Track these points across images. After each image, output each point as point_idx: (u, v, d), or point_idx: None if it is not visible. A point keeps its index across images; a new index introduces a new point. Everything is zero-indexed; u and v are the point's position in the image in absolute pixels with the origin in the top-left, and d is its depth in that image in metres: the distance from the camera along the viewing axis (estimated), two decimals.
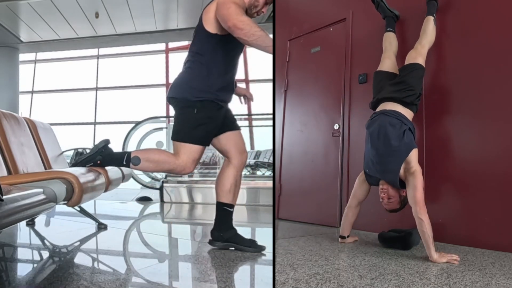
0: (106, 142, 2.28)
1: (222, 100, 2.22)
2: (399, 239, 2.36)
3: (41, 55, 11.48)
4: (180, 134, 2.20)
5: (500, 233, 2.33)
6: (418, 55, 2.51)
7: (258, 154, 9.49)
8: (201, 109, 2.16)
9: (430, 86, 2.71)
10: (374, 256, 2.18)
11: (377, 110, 2.46)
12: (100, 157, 2.24)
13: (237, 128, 2.35)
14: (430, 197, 2.53)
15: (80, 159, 2.28)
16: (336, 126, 3.38)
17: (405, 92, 2.39)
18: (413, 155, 2.23)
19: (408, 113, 2.38)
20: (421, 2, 2.76)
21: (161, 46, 12.12)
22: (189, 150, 2.19)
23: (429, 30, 2.60)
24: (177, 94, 2.21)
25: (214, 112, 2.20)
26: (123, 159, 2.22)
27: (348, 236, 2.55)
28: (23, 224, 3.10)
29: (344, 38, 3.43)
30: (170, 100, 2.25)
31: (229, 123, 2.31)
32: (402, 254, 2.21)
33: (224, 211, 2.28)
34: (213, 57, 2.18)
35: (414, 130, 2.36)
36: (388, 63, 2.68)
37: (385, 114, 2.36)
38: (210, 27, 2.16)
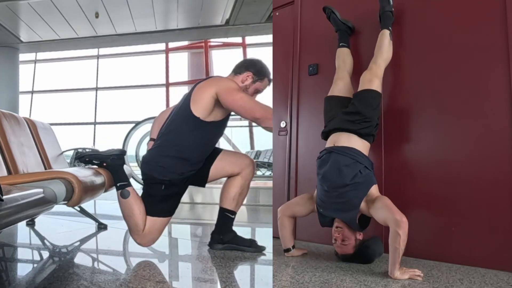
0: (122, 152, 2.28)
1: (190, 175, 2.22)
2: (358, 253, 2.08)
3: (41, 55, 11.51)
4: (146, 207, 2.18)
5: (469, 246, 2.09)
6: (374, 77, 2.25)
7: (258, 154, 9.49)
8: (169, 186, 2.17)
9: (387, 107, 2.45)
10: (326, 271, 1.96)
11: (328, 143, 2.22)
12: (109, 161, 2.24)
13: (219, 151, 2.33)
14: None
15: (89, 152, 2.28)
16: (282, 124, 3.03)
17: (360, 124, 2.15)
18: (374, 189, 2.05)
19: (364, 146, 2.16)
20: (377, 10, 2.46)
21: (161, 46, 12.14)
22: (153, 223, 2.17)
23: (384, 46, 2.32)
24: (147, 171, 2.21)
25: (182, 186, 2.22)
26: (121, 182, 2.21)
27: (293, 247, 2.29)
28: (23, 224, 3.10)
29: (291, 24, 3.07)
30: (141, 172, 2.28)
31: (211, 154, 2.29)
32: (358, 270, 1.98)
33: (225, 217, 2.29)
34: (189, 140, 2.16)
35: (372, 166, 2.15)
36: (340, 86, 2.40)
37: (337, 153, 2.12)
38: (196, 109, 2.13)
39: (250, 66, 2.27)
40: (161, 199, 2.18)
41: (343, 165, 2.07)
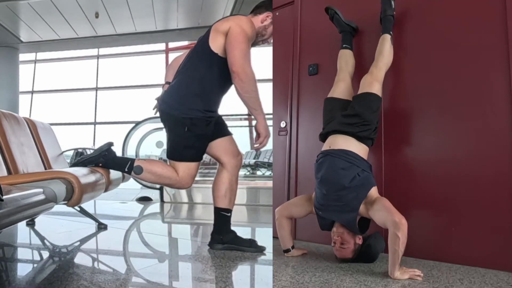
0: (110, 145, 2.28)
1: (211, 116, 2.21)
2: (360, 253, 2.09)
3: (41, 55, 11.50)
4: (174, 154, 2.23)
5: (469, 246, 2.08)
6: (374, 81, 2.23)
7: (258, 154, 9.50)
8: (191, 127, 2.16)
9: (388, 110, 2.44)
10: (326, 271, 1.96)
11: (325, 145, 2.21)
12: (102, 160, 2.24)
13: (227, 133, 2.34)
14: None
15: (82, 159, 2.28)
16: (282, 124, 3.03)
17: (359, 127, 2.13)
18: (373, 191, 2.04)
19: (362, 149, 2.14)
20: (379, 10, 2.45)
21: (161, 46, 12.13)
22: (186, 167, 2.21)
23: (386, 50, 2.31)
24: (167, 109, 2.21)
25: (204, 128, 2.20)
26: (126, 166, 2.22)
27: (293, 247, 2.29)
28: (23, 224, 3.10)
29: (291, 24, 3.08)
30: (160, 114, 2.25)
31: (219, 130, 2.30)
32: (358, 270, 1.98)
33: (221, 216, 2.29)
34: (207, 75, 2.17)
35: (370, 169, 2.13)
36: (342, 88, 2.38)
37: (333, 156, 2.10)
38: (214, 45, 2.15)
39: (269, 7, 2.28)
40: (186, 143, 2.18)
41: (339, 168, 2.06)
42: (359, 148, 2.13)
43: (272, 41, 2.34)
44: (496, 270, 1.97)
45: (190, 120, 2.15)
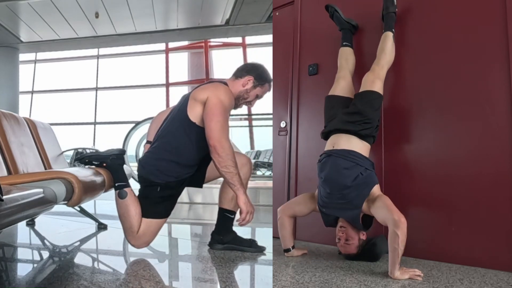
0: (122, 152, 2.27)
1: (186, 177, 2.21)
2: (364, 251, 2.13)
3: (41, 55, 11.52)
4: (141, 210, 2.17)
5: (469, 245, 2.08)
6: (376, 79, 2.24)
7: (258, 154, 9.50)
8: (164, 188, 2.16)
9: (388, 106, 2.43)
10: (326, 271, 1.95)
11: (328, 145, 2.22)
12: (108, 161, 2.24)
13: None
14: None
15: (89, 155, 2.27)
16: (282, 124, 3.04)
17: (361, 125, 2.14)
18: (375, 189, 2.05)
19: (365, 147, 2.15)
20: (381, 8, 2.45)
21: (161, 46, 12.17)
22: (149, 224, 2.16)
23: (388, 48, 2.31)
24: (144, 174, 2.20)
25: (177, 188, 2.21)
26: (118, 182, 2.20)
27: (293, 247, 2.29)
28: (23, 224, 3.10)
29: (291, 24, 3.06)
30: (138, 176, 2.25)
31: (208, 154, 2.24)
32: (358, 270, 1.98)
33: (225, 217, 2.30)
34: (185, 144, 2.15)
35: (373, 167, 2.14)
36: (342, 85, 2.39)
37: (336, 156, 2.12)
38: (192, 114, 2.13)
39: (251, 70, 2.25)
40: (157, 200, 2.17)
41: (342, 168, 2.08)
42: (361, 147, 2.14)
43: (254, 104, 2.31)
44: (496, 270, 1.97)
45: (165, 184, 2.15)
